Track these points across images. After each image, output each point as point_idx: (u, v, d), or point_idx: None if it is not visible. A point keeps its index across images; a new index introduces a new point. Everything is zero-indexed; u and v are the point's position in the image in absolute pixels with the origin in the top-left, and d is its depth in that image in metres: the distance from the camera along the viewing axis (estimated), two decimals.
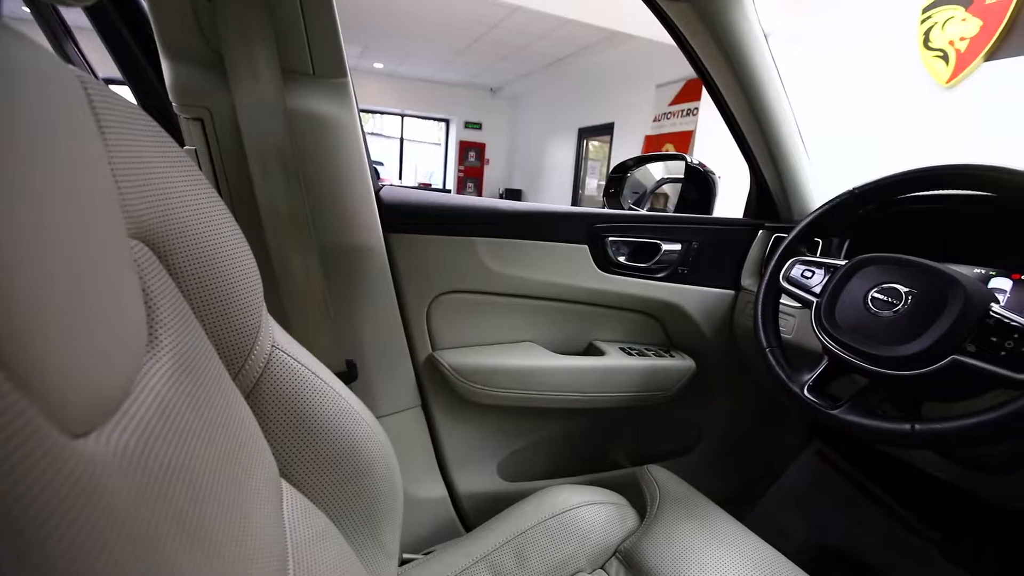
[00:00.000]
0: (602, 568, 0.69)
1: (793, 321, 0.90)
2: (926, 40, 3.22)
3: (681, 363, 1.01)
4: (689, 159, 1.11)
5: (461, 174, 9.92)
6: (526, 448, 1.02)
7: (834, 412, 0.61)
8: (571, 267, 0.92)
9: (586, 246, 0.92)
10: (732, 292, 1.03)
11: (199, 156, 0.64)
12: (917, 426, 0.54)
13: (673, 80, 5.39)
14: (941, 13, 3.14)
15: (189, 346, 0.30)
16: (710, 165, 1.12)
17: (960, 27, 3.04)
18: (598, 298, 0.96)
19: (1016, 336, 0.51)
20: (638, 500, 0.79)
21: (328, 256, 0.71)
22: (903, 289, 0.60)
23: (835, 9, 3.78)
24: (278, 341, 0.44)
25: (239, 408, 0.36)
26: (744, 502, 1.25)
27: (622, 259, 0.96)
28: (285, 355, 0.44)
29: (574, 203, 7.61)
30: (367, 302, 0.78)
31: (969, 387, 0.60)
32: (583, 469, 1.07)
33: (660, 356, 1.00)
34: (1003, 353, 0.51)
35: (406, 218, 0.80)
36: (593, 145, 7.50)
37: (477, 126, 9.82)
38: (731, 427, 1.17)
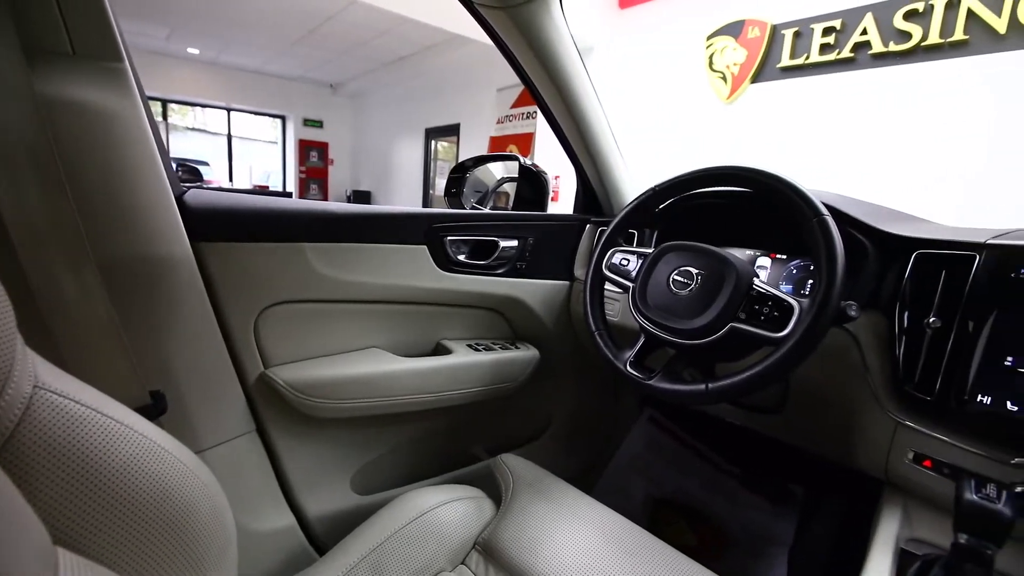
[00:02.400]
0: (463, 563, 0.69)
1: (618, 305, 1.00)
2: (710, 63, 3.84)
3: (526, 353, 1.06)
4: (522, 160, 1.17)
5: (303, 175, 9.20)
6: (380, 457, 0.98)
7: (650, 382, 0.70)
8: (411, 268, 0.90)
9: (425, 246, 0.91)
10: (567, 283, 1.11)
11: None
12: (710, 385, 0.64)
13: (512, 85, 5.65)
14: (719, 41, 3.77)
15: None
16: (551, 165, 1.18)
17: (733, 54, 3.69)
18: (441, 297, 0.96)
19: (770, 303, 0.63)
20: (496, 490, 0.81)
21: (115, 272, 0.59)
22: (694, 271, 0.70)
23: (645, 28, 4.31)
24: (43, 379, 0.35)
25: None
26: (592, 474, 1.36)
27: (462, 257, 0.97)
28: (54, 395, 0.35)
29: (425, 203, 7.56)
30: (175, 322, 0.67)
31: (747, 348, 0.72)
32: (441, 468, 1.06)
33: (506, 349, 1.04)
34: (763, 318, 0.63)
35: (219, 225, 0.71)
36: (442, 145, 7.52)
37: (318, 124, 9.18)
38: (575, 407, 1.26)
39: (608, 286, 0.84)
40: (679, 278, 0.71)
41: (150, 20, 5.98)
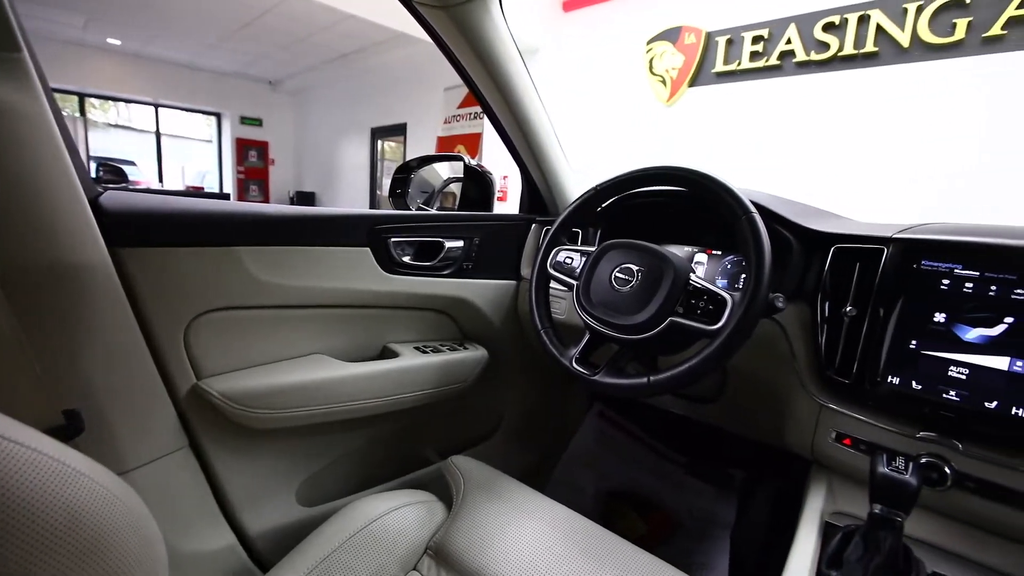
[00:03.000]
0: (415, 569, 0.68)
1: (564, 303, 1.01)
2: (651, 67, 3.97)
3: (475, 354, 1.05)
4: (467, 160, 1.16)
5: (241, 175, 8.76)
6: (327, 466, 0.95)
7: (595, 377, 0.71)
8: (354, 271, 0.88)
9: (368, 248, 0.89)
10: (514, 282, 1.12)
11: None
12: (652, 378, 0.66)
13: (459, 84, 5.61)
14: (658, 46, 3.90)
15: None
16: (499, 165, 1.18)
17: (671, 59, 3.83)
18: (387, 300, 0.94)
19: (706, 297, 0.66)
20: (447, 493, 0.80)
21: (19, 282, 0.54)
22: (635, 268, 0.72)
23: (589, 31, 4.40)
24: None
25: None
26: (544, 470, 1.37)
27: (407, 259, 0.95)
28: None
29: (372, 205, 7.39)
30: (92, 334, 0.62)
31: (686, 340, 0.75)
32: (392, 473, 1.04)
33: (454, 350, 1.03)
34: (699, 311, 0.65)
35: (140, 229, 0.66)
36: (389, 145, 7.39)
37: (256, 122, 8.77)
38: (526, 405, 1.27)
39: (553, 284, 0.85)
40: (621, 275, 0.73)
41: (63, 7, 5.50)
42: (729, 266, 0.92)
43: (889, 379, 0.65)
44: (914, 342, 0.64)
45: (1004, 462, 0.59)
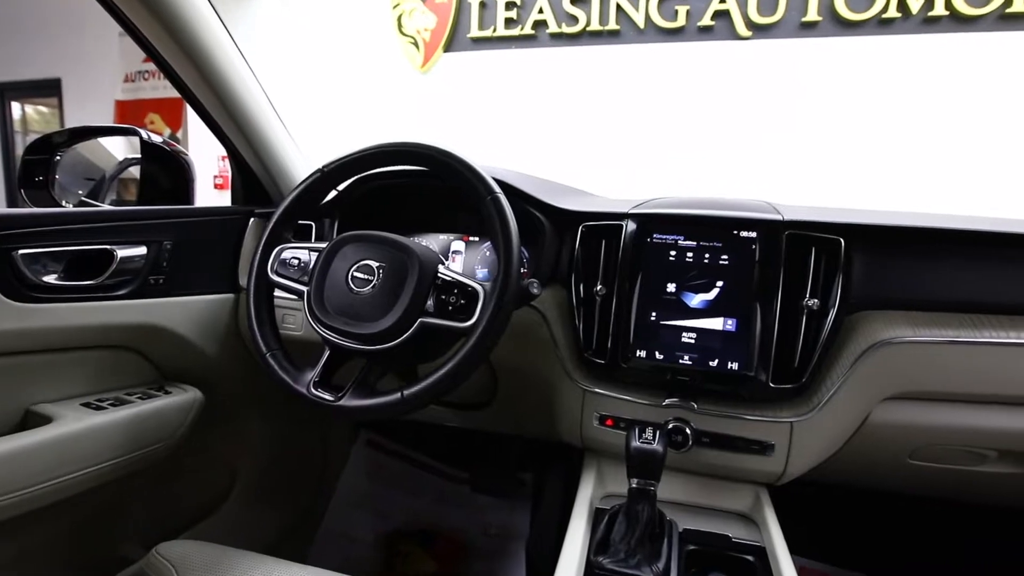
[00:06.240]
0: None
1: (300, 315, 0.96)
2: (400, 26, 4.04)
3: (182, 397, 0.93)
4: (145, 134, 1.01)
5: None
6: None
7: (340, 403, 0.69)
8: None
9: None
10: (231, 295, 1.02)
11: None
12: (406, 392, 0.67)
13: None
14: (406, 2, 4.00)
15: None
16: (215, 141, 1.02)
17: (422, 19, 3.97)
18: (23, 342, 0.76)
19: (457, 291, 0.69)
20: None
21: None
22: (375, 264, 0.72)
23: None
24: None
25: None
26: (308, 526, 1.30)
27: (52, 279, 0.78)
28: None
29: (12, 201, 5.90)
30: None
31: (444, 343, 0.79)
32: None
33: (149, 397, 0.90)
34: (451, 308, 0.69)
35: None
36: (37, 111, 6.04)
37: None
38: (269, 451, 1.18)
39: (279, 293, 0.80)
40: (359, 275, 0.72)
41: None
42: (488, 253, 0.99)
43: (638, 353, 0.80)
44: (654, 314, 0.80)
45: (729, 413, 0.79)
